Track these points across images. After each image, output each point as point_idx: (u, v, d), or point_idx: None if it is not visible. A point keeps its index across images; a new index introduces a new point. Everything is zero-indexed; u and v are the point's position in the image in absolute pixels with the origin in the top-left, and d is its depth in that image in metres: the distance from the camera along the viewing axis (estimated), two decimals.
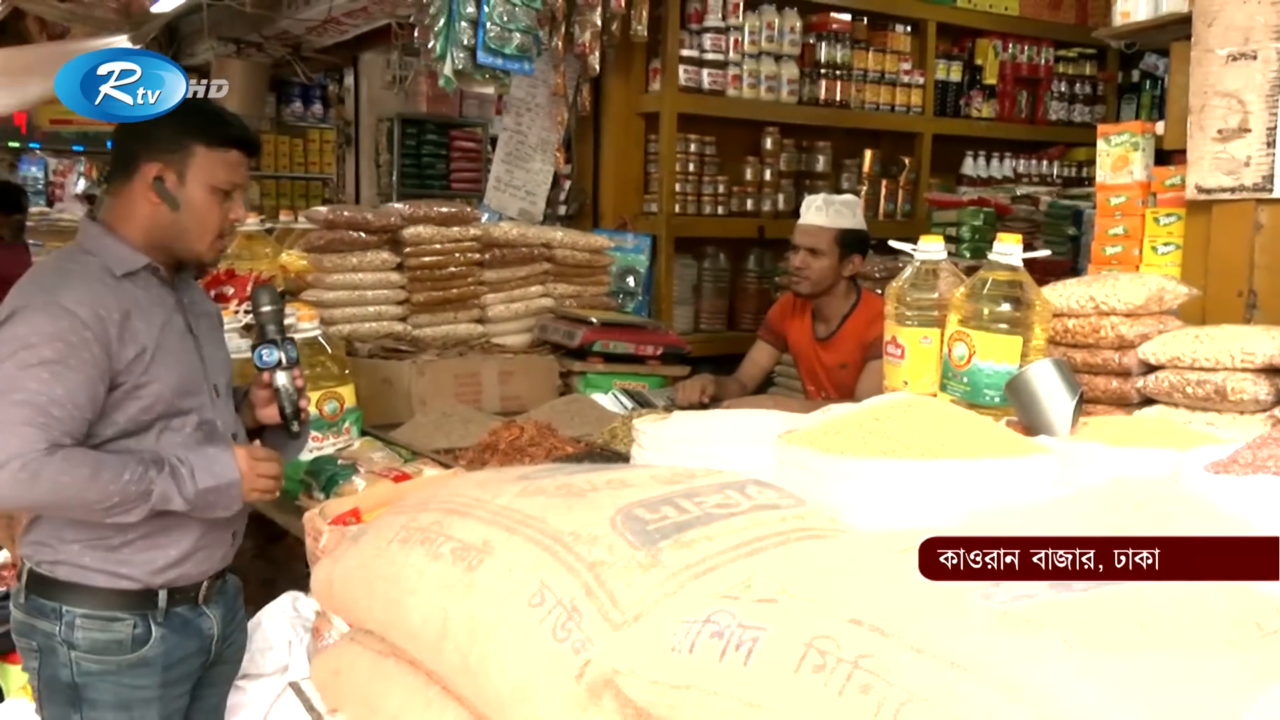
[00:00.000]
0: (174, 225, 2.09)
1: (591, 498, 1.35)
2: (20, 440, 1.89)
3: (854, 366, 3.48)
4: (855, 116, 5.33)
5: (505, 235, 3.98)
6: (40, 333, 1.94)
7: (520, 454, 2.71)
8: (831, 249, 3.46)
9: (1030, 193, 5.32)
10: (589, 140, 4.91)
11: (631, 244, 4.76)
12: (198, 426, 2.12)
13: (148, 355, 2.03)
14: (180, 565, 2.14)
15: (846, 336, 3.52)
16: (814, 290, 3.50)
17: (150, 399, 2.04)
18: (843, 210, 3.50)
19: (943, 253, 2.25)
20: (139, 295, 2.06)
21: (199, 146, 2.07)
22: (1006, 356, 2.01)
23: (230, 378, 2.29)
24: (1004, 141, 6.00)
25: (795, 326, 3.70)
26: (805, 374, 3.71)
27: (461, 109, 8.09)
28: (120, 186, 2.11)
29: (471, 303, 3.93)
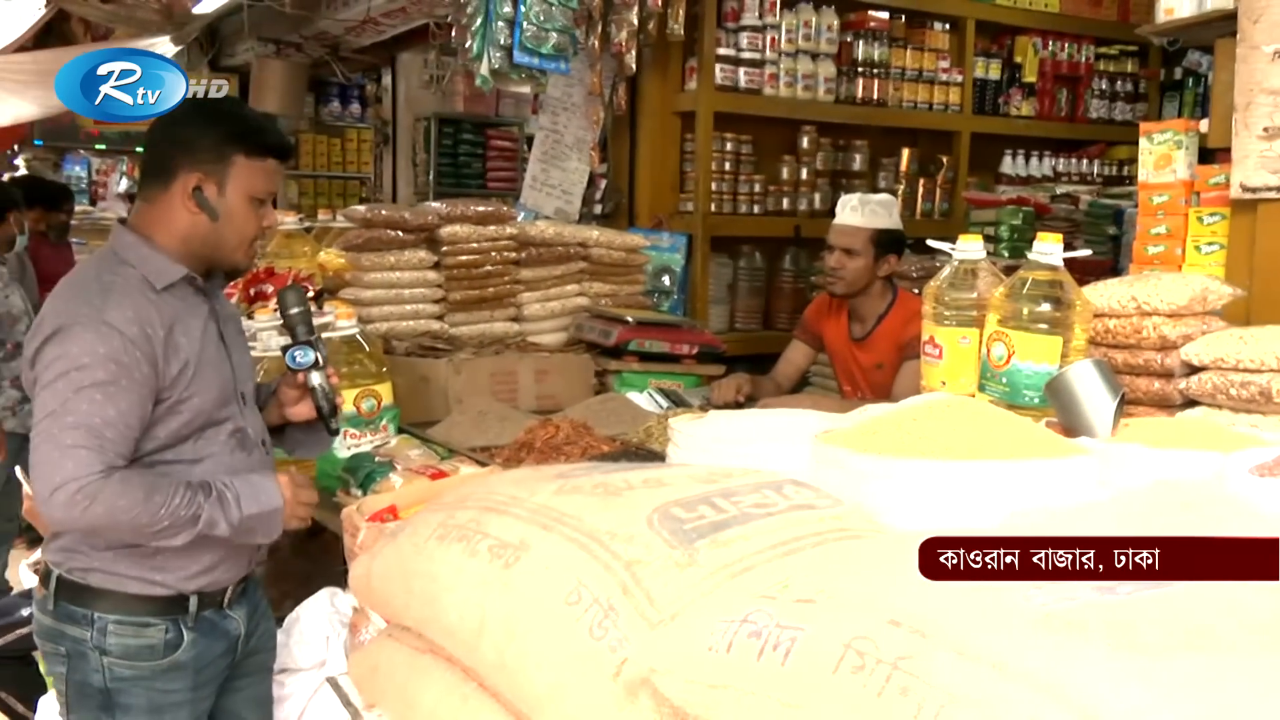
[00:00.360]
0: (213, 235, 2.08)
1: (628, 496, 1.36)
2: (75, 464, 1.89)
3: (890, 366, 3.46)
4: (893, 115, 5.30)
5: (541, 234, 3.99)
6: (92, 353, 1.92)
7: (556, 452, 2.71)
8: (867, 249, 3.44)
9: (1070, 191, 5.27)
10: (625, 139, 4.91)
11: (667, 243, 4.76)
12: (231, 435, 2.13)
13: (190, 369, 2.04)
14: (211, 572, 2.14)
15: (882, 336, 3.50)
16: (849, 290, 3.48)
17: (191, 413, 2.05)
18: (878, 210, 3.48)
19: (981, 252, 2.24)
20: (179, 307, 2.06)
21: (239, 156, 2.06)
22: (1046, 357, 1.99)
23: (254, 384, 2.30)
24: (1043, 140, 5.95)
25: (831, 326, 3.68)
26: (841, 374, 3.69)
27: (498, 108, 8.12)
28: (156, 193, 2.08)
29: (508, 301, 3.94)
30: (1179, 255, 2.75)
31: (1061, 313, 2.01)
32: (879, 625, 1.00)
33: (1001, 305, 2.05)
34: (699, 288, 4.75)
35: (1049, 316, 2.01)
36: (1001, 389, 2.04)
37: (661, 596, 1.18)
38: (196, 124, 2.07)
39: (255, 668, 2.34)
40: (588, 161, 4.83)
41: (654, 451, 2.74)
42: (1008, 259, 4.39)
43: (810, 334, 3.77)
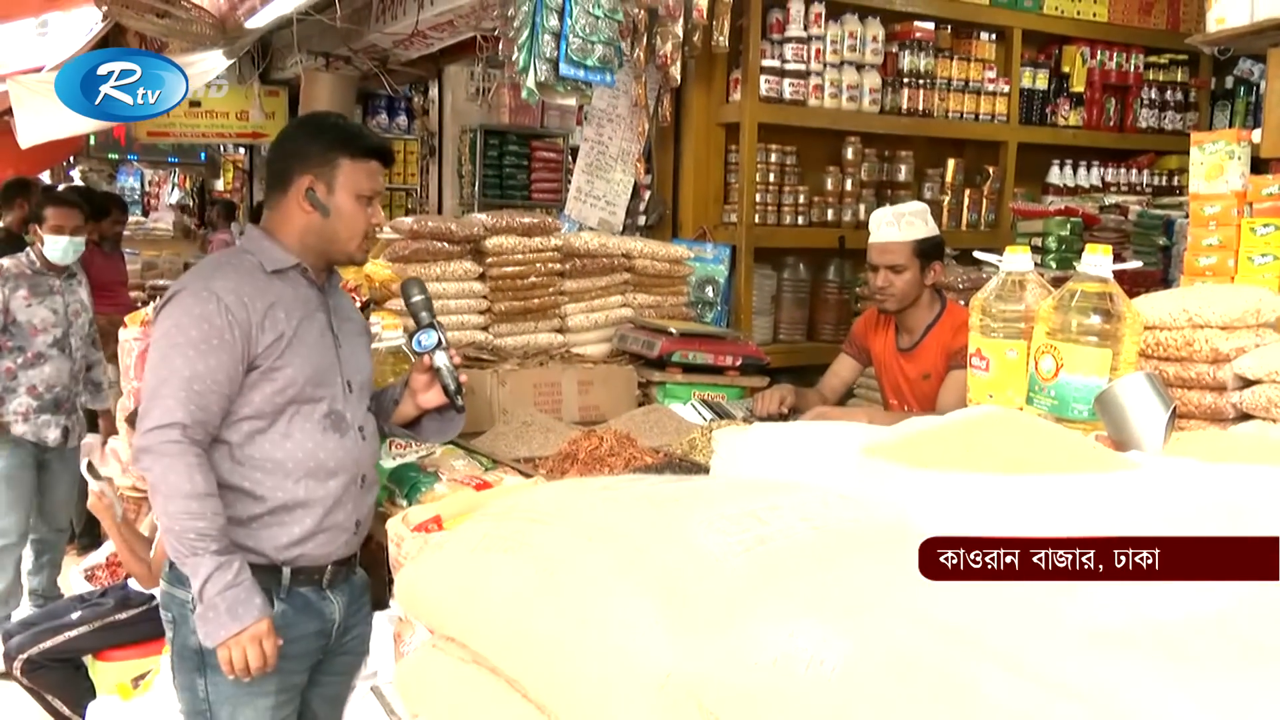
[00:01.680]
0: (326, 229, 2.32)
1: (673, 509, 1.35)
2: (162, 411, 2.14)
3: (937, 377, 3.44)
4: (938, 125, 5.27)
5: (585, 245, 4.00)
6: (190, 314, 2.19)
7: (600, 464, 2.72)
8: (911, 262, 3.42)
9: (1119, 202, 5.21)
10: (669, 151, 4.91)
11: (711, 254, 4.76)
12: (326, 414, 2.31)
13: (284, 342, 2.24)
14: (302, 544, 2.29)
15: (930, 347, 3.47)
16: (901, 305, 3.46)
17: (283, 382, 2.24)
18: (913, 220, 3.45)
19: (1028, 264, 2.22)
20: (285, 290, 2.29)
21: (344, 159, 2.31)
22: (1095, 370, 1.97)
23: (368, 380, 2.47)
24: (1091, 150, 5.89)
25: (879, 338, 3.66)
26: (888, 387, 3.67)
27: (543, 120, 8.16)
28: (277, 200, 2.35)
29: (552, 312, 3.95)
30: (1231, 267, 2.71)
31: (1111, 325, 1.98)
32: (929, 639, 0.99)
33: (1050, 317, 2.03)
34: (743, 299, 4.74)
35: (1098, 329, 1.98)
36: (1050, 402, 2.02)
37: (706, 609, 1.18)
38: (306, 135, 2.35)
39: (342, 668, 2.45)
40: (632, 173, 4.84)
41: (698, 464, 2.74)
42: (1055, 271, 4.35)
43: (858, 348, 3.75)
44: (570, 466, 2.73)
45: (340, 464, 2.33)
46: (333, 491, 2.33)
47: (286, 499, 2.27)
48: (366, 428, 2.43)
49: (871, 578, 1.17)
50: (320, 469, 2.30)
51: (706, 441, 2.92)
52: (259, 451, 2.26)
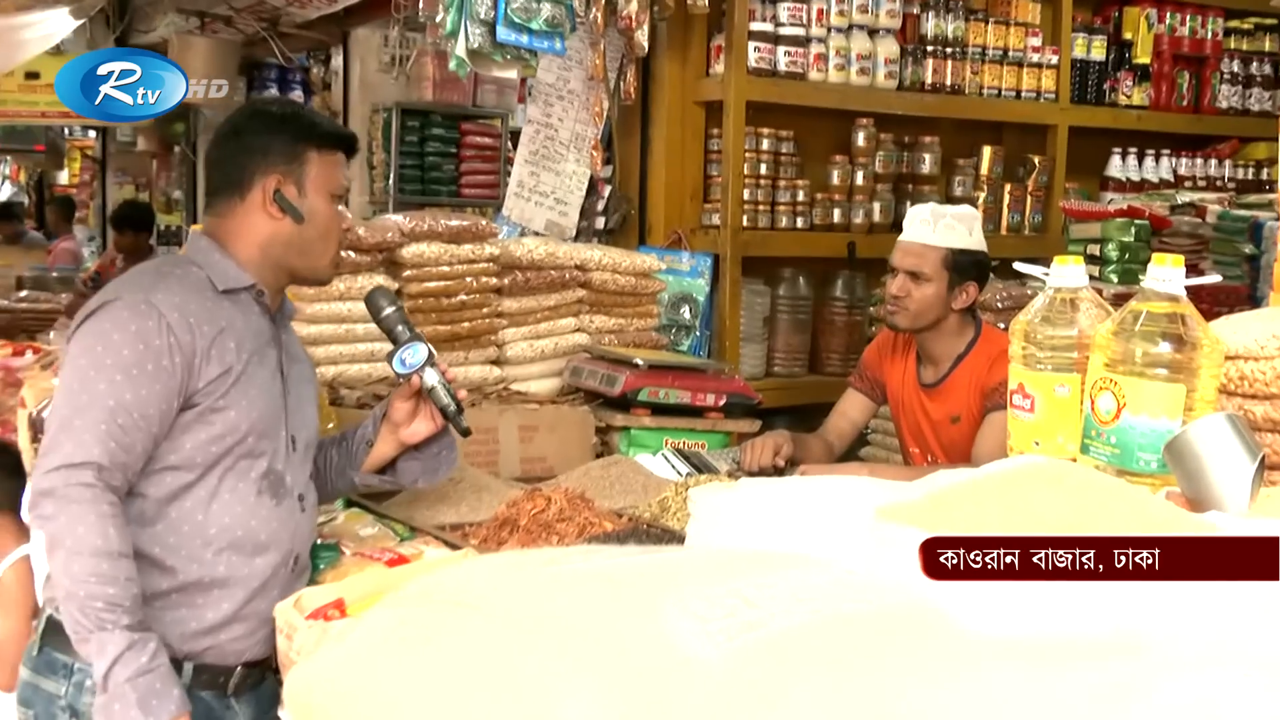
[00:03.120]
0: (298, 238, 2.40)
1: (638, 589, 1.35)
2: (75, 446, 2.13)
3: (969, 420, 3.46)
4: (970, 105, 5.33)
5: (529, 255, 4.00)
6: (123, 329, 2.20)
7: (547, 531, 2.71)
8: (939, 274, 3.44)
9: (1195, 200, 5.26)
10: (635, 136, 4.94)
11: (687, 265, 4.77)
12: (264, 475, 2.34)
13: (230, 378, 2.28)
14: (213, 634, 2.29)
15: (960, 383, 3.49)
16: (914, 324, 3.48)
17: (222, 429, 2.27)
18: (955, 225, 3.48)
19: (1083, 278, 2.24)
20: (236, 316, 2.33)
21: (312, 152, 2.39)
22: (1166, 410, 1.99)
23: (313, 439, 2.51)
24: (1160, 135, 5.97)
25: (896, 371, 3.67)
26: (907, 430, 3.68)
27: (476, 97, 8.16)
28: (232, 206, 2.40)
29: (486, 339, 3.95)
30: None
31: (1184, 355, 2.01)
32: None
33: (1109, 345, 2.05)
34: (728, 322, 4.76)
35: (1168, 359, 2.01)
36: (1109, 451, 2.04)
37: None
38: (264, 128, 2.41)
39: None
40: (587, 164, 4.86)
41: (670, 530, 2.74)
42: (1117, 286, 4.39)
43: (869, 381, 3.76)
44: (509, 535, 2.72)
45: (273, 538, 2.36)
46: (259, 571, 2.34)
47: (202, 575, 2.28)
48: (308, 497, 2.47)
49: (885, 680, 1.17)
50: (248, 541, 2.32)
51: (681, 502, 2.92)
52: (178, 511, 2.27)
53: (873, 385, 3.76)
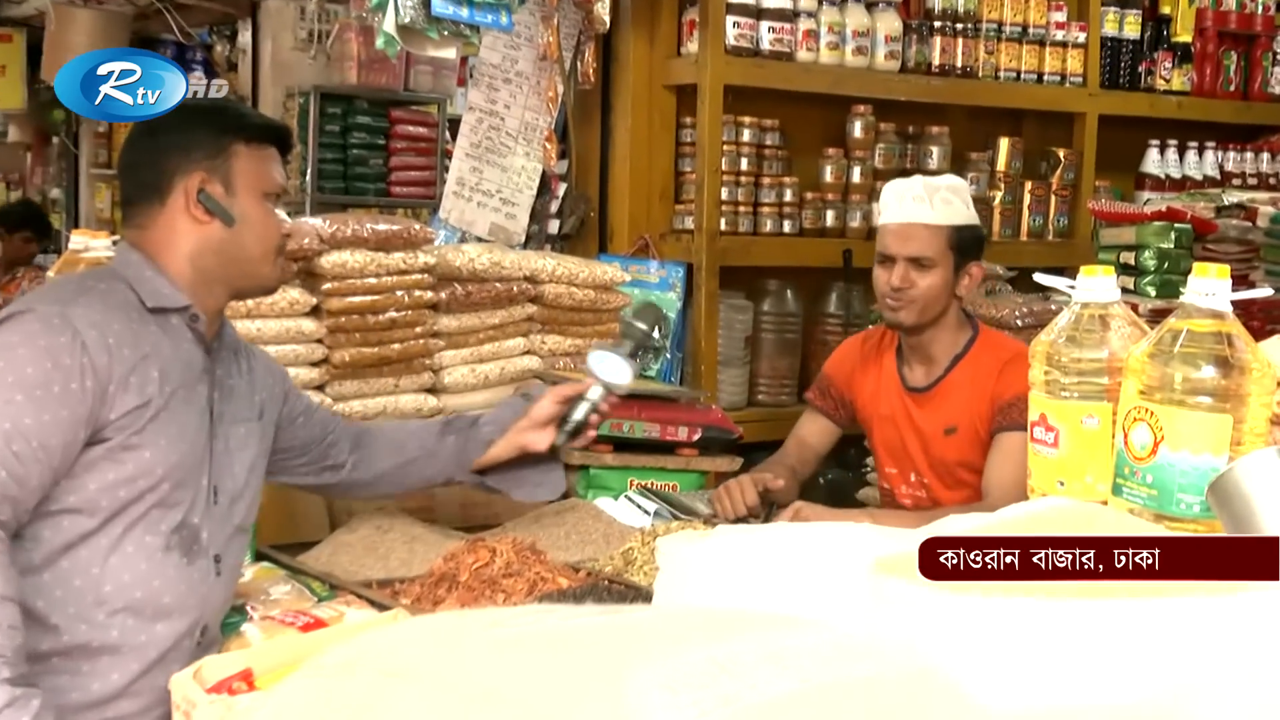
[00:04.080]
0: (231, 244, 2.45)
1: (598, 656, 1.35)
2: None
3: (968, 433, 3.44)
4: (985, 90, 5.37)
5: (470, 265, 4.00)
6: (31, 344, 2.21)
7: (491, 588, 2.70)
8: (944, 257, 3.43)
9: (1244, 200, 5.30)
10: (595, 125, 4.95)
11: (656, 276, 4.79)
12: (177, 528, 2.35)
13: (149, 412, 2.29)
14: (99, 709, 2.27)
15: (958, 388, 3.48)
16: (920, 319, 3.46)
17: (135, 471, 2.28)
18: (951, 199, 3.47)
19: (1115, 291, 2.25)
20: (163, 342, 2.36)
21: (239, 145, 2.45)
22: (1210, 445, 2.00)
23: (244, 491, 2.54)
24: (1204, 125, 6.02)
25: (869, 378, 3.65)
26: (883, 447, 3.67)
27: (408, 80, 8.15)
28: (152, 216, 2.44)
29: (420, 364, 3.94)
30: None
31: (1231, 380, 2.02)
32: None
33: (1144, 370, 2.07)
34: (703, 343, 4.77)
35: (1213, 386, 2.02)
36: (1146, 492, 2.05)
37: None
38: (182, 122, 2.45)
39: None
40: (539, 158, 4.86)
41: (636, 586, 2.74)
42: (1154, 300, 4.42)
43: (834, 400, 3.75)
44: (447, 594, 2.72)
45: (179, 602, 2.35)
46: (158, 640, 2.33)
47: (91, 638, 2.27)
48: (226, 559, 2.47)
49: None
50: (149, 604, 2.31)
51: (648, 554, 2.92)
52: (71, 562, 2.26)
53: (837, 404, 3.75)
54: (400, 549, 3.16)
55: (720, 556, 1.82)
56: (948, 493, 3.53)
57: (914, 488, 3.61)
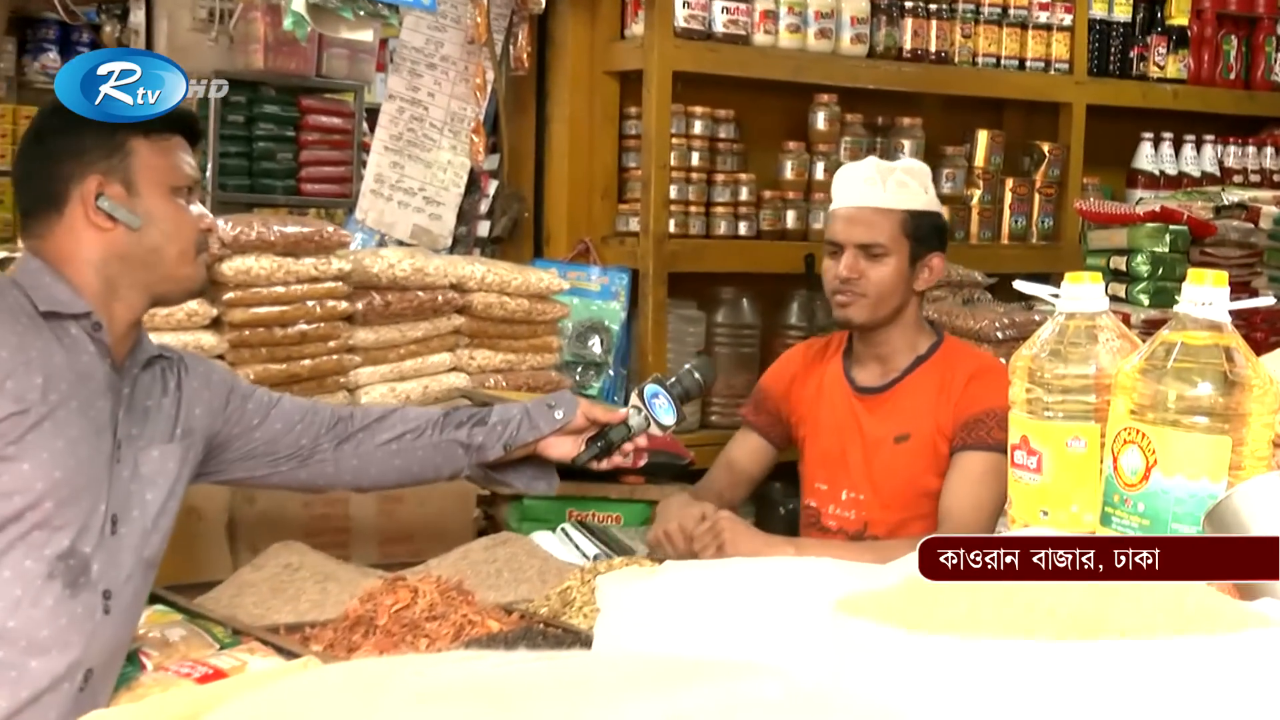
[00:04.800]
0: (140, 249, 2.50)
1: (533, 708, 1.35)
2: None
3: (922, 443, 3.41)
4: (962, 77, 5.40)
5: (390, 271, 3.99)
6: None
7: (414, 633, 2.69)
8: (898, 245, 3.42)
9: (1245, 200, 5.33)
10: (529, 116, 4.95)
11: (598, 284, 4.78)
12: (63, 556, 2.35)
13: (29, 420, 2.32)
14: None
15: (916, 392, 3.45)
16: (873, 315, 3.44)
17: (11, 484, 2.31)
18: (907, 181, 3.48)
19: (1103, 300, 2.27)
20: (54, 349, 2.40)
21: (138, 140, 2.49)
22: (1207, 470, 2.01)
23: (152, 528, 2.55)
24: (1202, 117, 6.07)
25: (810, 384, 3.63)
26: (814, 459, 3.63)
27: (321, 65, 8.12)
28: (48, 226, 2.49)
29: (334, 382, 3.93)
30: None
31: (1230, 398, 2.03)
32: None
33: (1135, 387, 2.08)
34: (650, 357, 4.76)
35: (1210, 405, 2.03)
36: (1137, 521, 2.06)
37: None
38: (71, 123, 2.48)
39: None
40: (467, 152, 4.86)
41: (574, 630, 2.74)
42: (1148, 309, 4.45)
43: (768, 414, 3.72)
44: (364, 639, 2.71)
45: (58, 638, 2.35)
46: (32, 677, 2.32)
47: None
48: (119, 596, 2.47)
49: None
50: (22, 636, 2.32)
51: (589, 593, 2.92)
52: None
53: (773, 420, 3.72)
54: (311, 589, 3.14)
55: (667, 596, 1.82)
56: (883, 513, 3.49)
57: (845, 507, 3.56)
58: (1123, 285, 4.60)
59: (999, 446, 3.12)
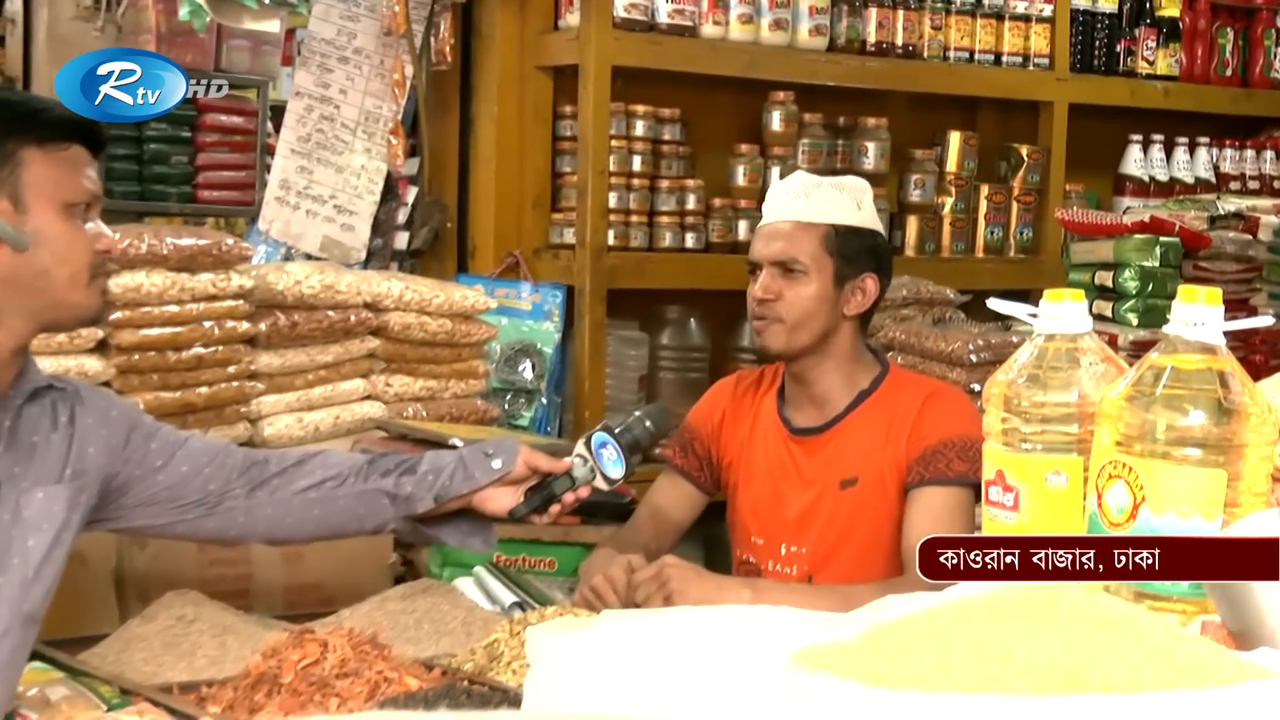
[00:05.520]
0: (27, 272, 2.50)
1: None
2: None
3: (873, 487, 3.36)
4: (932, 74, 5.43)
5: (297, 289, 3.98)
6: None
7: (323, 692, 2.68)
8: (819, 263, 3.40)
9: (1243, 209, 5.37)
10: (453, 116, 4.95)
11: (529, 302, 4.78)
12: None
13: None
14: None
15: (863, 430, 3.45)
16: (790, 342, 3.44)
17: None
18: (835, 195, 3.46)
19: (1086, 320, 2.28)
20: None
21: (29, 150, 2.49)
22: (1200, 507, 2.02)
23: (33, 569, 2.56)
24: (1195, 118, 6.11)
25: (740, 424, 3.63)
26: (748, 511, 3.59)
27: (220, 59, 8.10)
28: None
29: (234, 412, 3.91)
30: None
31: (1225, 428, 2.04)
32: None
33: (1121, 416, 2.09)
34: (588, 384, 4.77)
35: (1203, 435, 2.04)
36: None
37: None
38: None
39: None
40: (383, 155, 4.85)
41: (502, 687, 2.73)
42: (1136, 330, 4.48)
43: (696, 456, 3.70)
44: (267, 699, 2.70)
45: None
46: None
47: None
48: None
49: None
50: None
51: (518, 647, 2.92)
52: None
53: (701, 463, 3.70)
54: (208, 644, 3.13)
55: (605, 649, 1.82)
56: (830, 568, 3.46)
57: (786, 563, 3.53)
58: (1109, 303, 4.63)
59: (961, 479, 3.17)
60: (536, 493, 3.11)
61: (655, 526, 3.70)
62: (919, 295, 4.78)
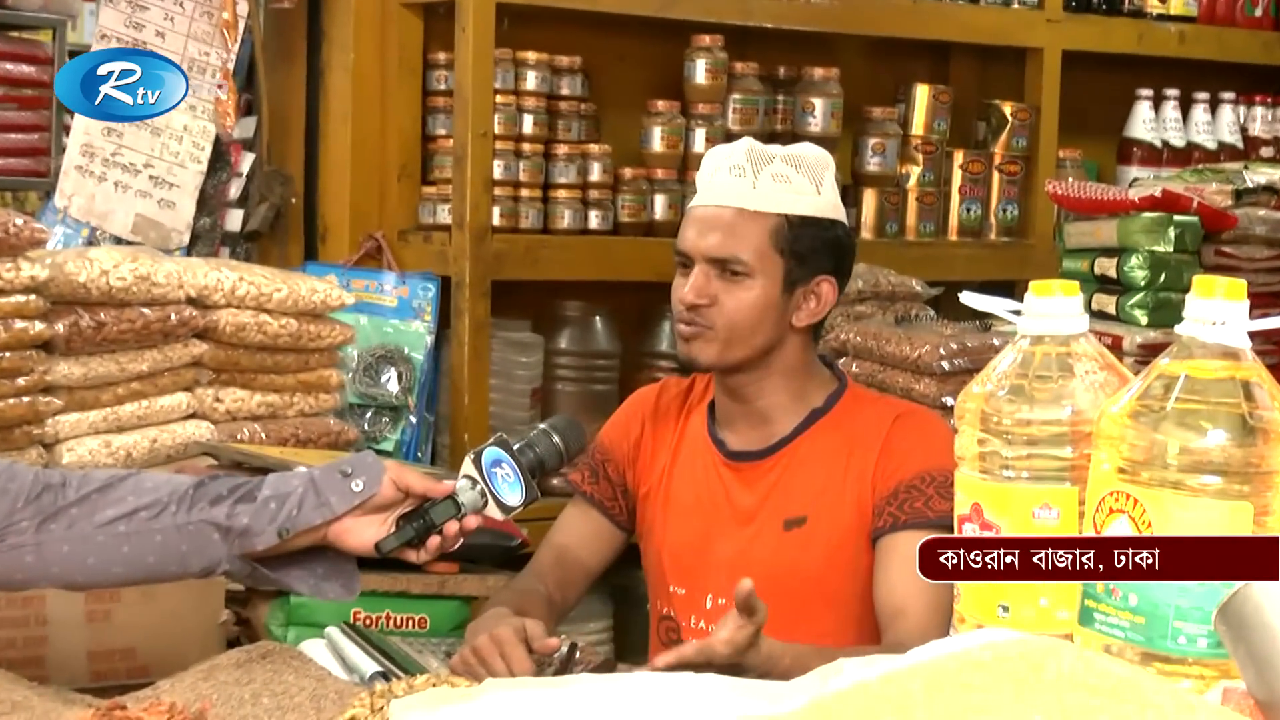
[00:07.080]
0: None
1: None
2: None
3: (825, 533, 3.27)
4: (894, 14, 5.46)
5: (104, 281, 3.97)
6: None
7: None
8: (766, 264, 3.34)
9: (1276, 181, 5.41)
10: (298, 65, 4.95)
11: (394, 296, 4.79)
12: None
13: None
14: None
15: (815, 456, 3.43)
16: (726, 357, 3.39)
17: None
18: (789, 176, 3.38)
19: (1082, 319, 2.30)
20: None
21: None
22: None
23: None
24: (1218, 69, 6.18)
25: (661, 443, 3.60)
26: (667, 553, 3.52)
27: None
28: None
29: (24, 434, 3.90)
30: None
31: (1249, 451, 2.05)
32: None
33: (1124, 436, 2.11)
34: (467, 398, 4.78)
35: (1223, 459, 2.06)
36: (1128, 620, 2.08)
37: None
38: None
39: None
40: (210, 115, 4.85)
41: None
42: (1144, 330, 4.50)
43: (610, 483, 3.65)
44: None
45: None
46: None
47: None
48: None
49: None
50: None
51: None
52: None
53: (616, 491, 3.66)
54: None
55: None
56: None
57: (713, 618, 3.34)
58: (1111, 298, 4.63)
59: (943, 521, 3.08)
60: (410, 521, 2.98)
61: (560, 573, 3.62)
62: (878, 288, 4.77)
